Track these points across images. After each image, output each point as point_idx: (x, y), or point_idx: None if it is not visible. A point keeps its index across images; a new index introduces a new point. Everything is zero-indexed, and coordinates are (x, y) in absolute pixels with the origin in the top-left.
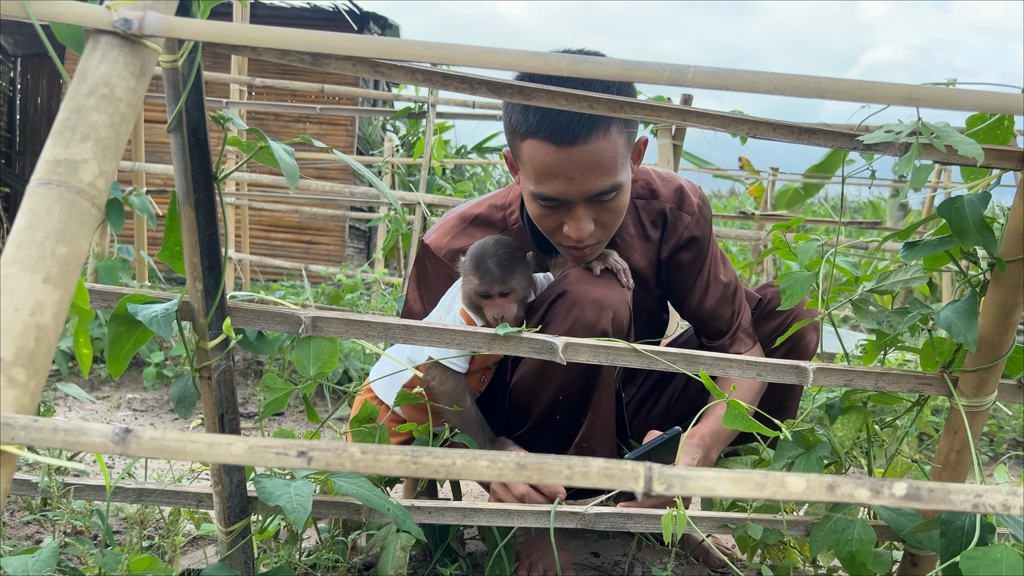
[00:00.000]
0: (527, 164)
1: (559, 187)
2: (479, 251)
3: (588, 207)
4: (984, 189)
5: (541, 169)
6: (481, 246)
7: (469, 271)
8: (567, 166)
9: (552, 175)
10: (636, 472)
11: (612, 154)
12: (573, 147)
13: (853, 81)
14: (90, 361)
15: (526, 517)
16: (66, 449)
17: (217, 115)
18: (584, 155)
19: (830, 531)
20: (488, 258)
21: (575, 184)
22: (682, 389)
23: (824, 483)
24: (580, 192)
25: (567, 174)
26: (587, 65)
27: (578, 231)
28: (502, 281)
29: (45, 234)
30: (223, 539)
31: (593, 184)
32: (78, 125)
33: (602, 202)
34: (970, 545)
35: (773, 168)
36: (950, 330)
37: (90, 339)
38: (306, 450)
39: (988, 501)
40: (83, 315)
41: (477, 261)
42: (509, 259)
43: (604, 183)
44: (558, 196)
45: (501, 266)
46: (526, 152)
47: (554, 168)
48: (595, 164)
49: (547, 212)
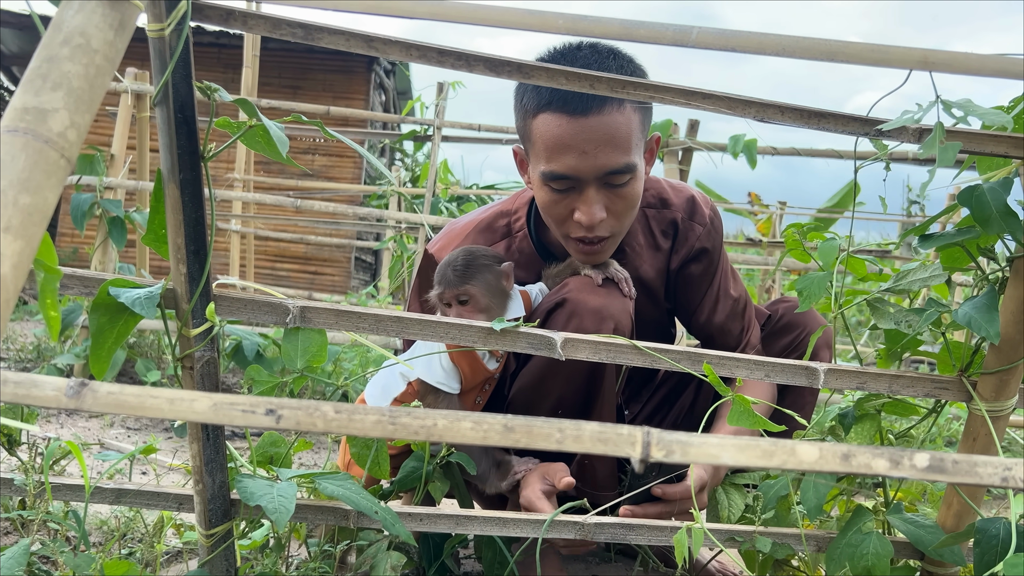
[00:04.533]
0: (539, 142)
1: (572, 162)
2: (448, 258)
3: (600, 191)
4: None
5: (554, 143)
6: (449, 255)
7: (434, 280)
8: (580, 138)
9: (565, 148)
10: (633, 436)
11: (627, 130)
12: (587, 117)
13: (865, 44)
14: (59, 325)
15: (523, 526)
16: (17, 402)
17: (204, 85)
18: (598, 126)
19: (846, 547)
20: (448, 265)
21: (588, 159)
22: (689, 407)
23: (838, 452)
24: (593, 168)
25: (580, 147)
26: (586, 23)
27: (589, 215)
28: (456, 285)
29: (8, 182)
30: (204, 543)
31: (607, 160)
32: (50, 73)
33: (614, 186)
34: (1008, 554)
35: (781, 202)
36: (970, 325)
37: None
38: (275, 408)
39: (1017, 474)
40: (50, 273)
41: (439, 268)
42: (467, 265)
43: (618, 160)
44: (570, 172)
45: (457, 272)
46: (539, 128)
47: (567, 140)
48: (609, 137)
49: (558, 197)
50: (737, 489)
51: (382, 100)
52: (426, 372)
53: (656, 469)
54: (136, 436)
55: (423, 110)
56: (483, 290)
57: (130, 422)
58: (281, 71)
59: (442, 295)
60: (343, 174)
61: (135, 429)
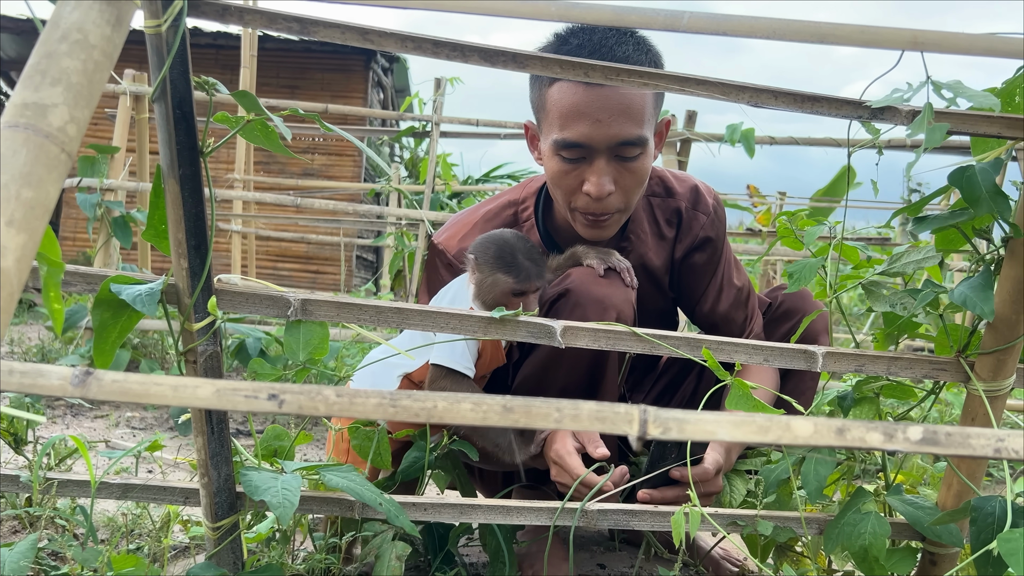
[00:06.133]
0: (553, 110)
1: (585, 129)
2: (504, 248)
3: (610, 163)
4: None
5: (569, 110)
6: (501, 243)
7: (497, 269)
8: (595, 105)
9: (579, 116)
10: (630, 415)
11: (641, 103)
12: (603, 87)
13: (855, 26)
14: (62, 317)
15: (526, 515)
16: (24, 392)
17: (202, 80)
18: (613, 95)
19: (844, 526)
20: (519, 254)
21: (601, 127)
22: (691, 395)
23: (833, 426)
24: (606, 137)
25: (594, 115)
26: (578, 11)
27: (599, 186)
28: (539, 276)
29: (10, 176)
30: (210, 535)
31: (620, 129)
32: (48, 69)
33: (625, 159)
34: (1003, 531)
35: (780, 192)
36: (965, 304)
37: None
38: (277, 393)
39: (1011, 445)
40: (53, 266)
41: (507, 259)
42: (536, 252)
43: (631, 131)
44: (583, 140)
45: (534, 260)
46: (553, 96)
47: (581, 108)
48: (624, 108)
49: (568, 167)
50: (739, 475)
51: (380, 98)
52: (448, 357)
53: (675, 451)
54: (141, 435)
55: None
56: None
57: (135, 422)
58: (279, 71)
59: (527, 287)
60: (343, 172)
61: (140, 429)
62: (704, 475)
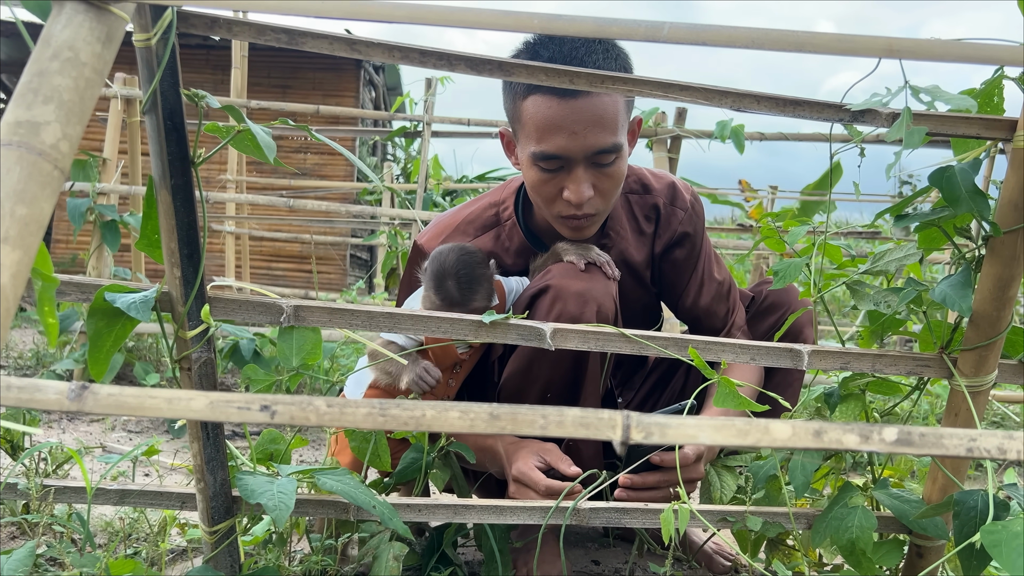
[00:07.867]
0: (529, 123)
1: (561, 142)
2: (439, 267)
3: (588, 170)
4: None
5: (544, 124)
6: (441, 262)
7: (430, 288)
8: (570, 119)
9: (555, 129)
10: (613, 420)
11: (614, 111)
12: (576, 99)
13: (832, 34)
14: (56, 331)
15: (519, 514)
16: (21, 407)
17: (191, 92)
18: (587, 107)
19: (832, 520)
20: (448, 278)
21: (577, 139)
22: (679, 392)
23: (811, 429)
24: (582, 148)
25: (570, 128)
26: (560, 23)
27: (578, 194)
28: (466, 300)
29: (4, 194)
30: (207, 539)
31: (596, 140)
32: (40, 88)
33: (602, 165)
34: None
35: (772, 186)
36: (945, 301)
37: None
38: (269, 404)
39: (983, 445)
40: (47, 282)
41: (438, 280)
42: (469, 278)
43: (606, 140)
44: (560, 152)
45: (462, 287)
46: (529, 110)
47: (557, 121)
48: (597, 118)
49: (547, 176)
50: (729, 471)
51: (372, 96)
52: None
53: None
54: (138, 439)
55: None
56: (484, 300)
57: (131, 425)
58: (270, 71)
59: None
60: (335, 172)
61: (136, 432)
62: (685, 460)
